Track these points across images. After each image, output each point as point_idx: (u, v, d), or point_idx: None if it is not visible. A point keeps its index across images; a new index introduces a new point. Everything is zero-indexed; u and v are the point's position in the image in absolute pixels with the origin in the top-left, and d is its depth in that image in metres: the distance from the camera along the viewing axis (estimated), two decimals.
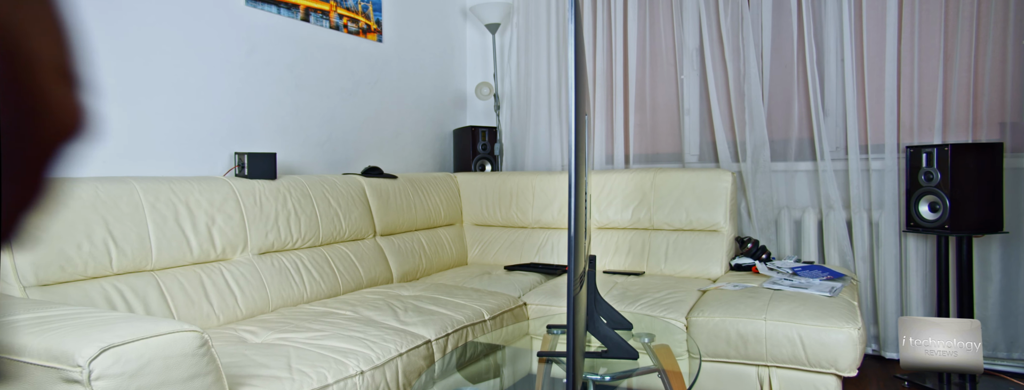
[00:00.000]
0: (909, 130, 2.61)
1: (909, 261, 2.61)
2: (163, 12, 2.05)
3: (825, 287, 2.11)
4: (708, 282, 2.43)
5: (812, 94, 2.74)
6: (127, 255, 1.67)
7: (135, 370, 0.98)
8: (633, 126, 3.16)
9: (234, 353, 1.48)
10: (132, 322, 1.06)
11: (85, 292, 1.57)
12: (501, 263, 2.95)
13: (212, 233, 1.90)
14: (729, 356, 1.94)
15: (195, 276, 1.82)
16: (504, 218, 3.07)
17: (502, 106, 3.54)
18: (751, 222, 2.90)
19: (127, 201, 1.71)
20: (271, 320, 1.85)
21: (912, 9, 2.57)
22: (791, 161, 2.86)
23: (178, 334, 1.05)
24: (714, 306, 2.00)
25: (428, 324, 1.86)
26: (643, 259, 2.70)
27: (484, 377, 1.66)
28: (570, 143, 0.96)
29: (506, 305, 2.18)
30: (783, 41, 2.85)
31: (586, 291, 1.32)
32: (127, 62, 1.96)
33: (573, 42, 0.96)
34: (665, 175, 2.74)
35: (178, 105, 2.11)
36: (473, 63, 3.74)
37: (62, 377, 0.95)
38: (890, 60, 2.60)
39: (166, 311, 1.70)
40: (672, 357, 1.57)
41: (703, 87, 3.04)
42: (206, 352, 1.09)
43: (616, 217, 2.81)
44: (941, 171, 2.32)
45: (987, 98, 2.49)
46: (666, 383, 1.37)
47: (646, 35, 3.15)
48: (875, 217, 2.67)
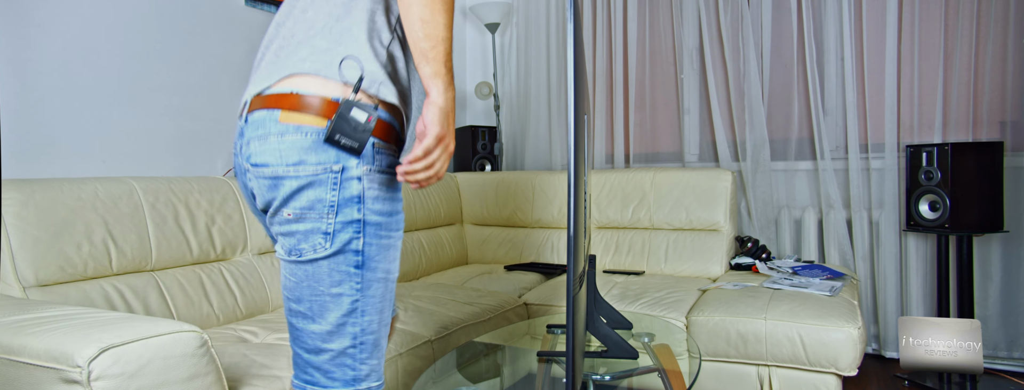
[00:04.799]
0: (909, 129, 2.61)
1: (909, 260, 2.61)
2: (163, 12, 2.05)
3: (825, 286, 2.11)
4: (708, 281, 2.43)
5: (812, 93, 2.74)
6: (127, 255, 1.67)
7: (135, 370, 0.98)
8: (633, 125, 3.16)
9: (234, 353, 1.48)
10: (132, 322, 1.06)
11: (85, 292, 1.56)
12: (501, 263, 2.95)
13: (212, 233, 1.90)
14: (729, 355, 1.94)
15: (195, 276, 1.82)
16: (504, 218, 3.07)
17: (502, 106, 3.54)
18: (751, 221, 2.90)
19: (127, 201, 1.71)
20: (271, 320, 1.85)
21: (912, 8, 2.57)
22: (791, 160, 2.86)
23: (178, 334, 1.05)
24: (714, 305, 2.00)
25: (428, 324, 1.86)
26: (643, 258, 2.70)
27: (484, 377, 1.66)
28: (570, 142, 0.96)
29: (506, 305, 2.18)
30: (783, 40, 2.85)
31: (586, 291, 1.32)
32: (127, 62, 1.96)
33: (573, 42, 0.96)
34: (665, 174, 2.74)
35: (178, 105, 2.11)
36: (473, 63, 3.74)
37: (61, 377, 0.94)
38: (890, 59, 2.60)
39: (166, 311, 1.70)
40: (672, 356, 1.57)
41: (703, 86, 3.04)
42: (206, 352, 1.08)
43: (616, 216, 2.81)
44: (941, 170, 2.32)
45: (987, 97, 2.49)
46: (666, 383, 1.37)
47: (646, 34, 3.14)
48: (875, 216, 2.67)
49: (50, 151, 1.80)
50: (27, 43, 1.74)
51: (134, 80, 1.98)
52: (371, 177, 0.96)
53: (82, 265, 1.58)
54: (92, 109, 1.88)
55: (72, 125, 1.84)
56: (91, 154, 1.88)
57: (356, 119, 0.92)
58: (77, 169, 1.85)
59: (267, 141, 0.94)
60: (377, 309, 1.01)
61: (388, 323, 1.07)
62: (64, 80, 1.82)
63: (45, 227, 1.52)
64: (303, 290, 0.98)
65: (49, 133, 1.79)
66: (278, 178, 0.94)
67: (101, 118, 1.90)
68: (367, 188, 0.96)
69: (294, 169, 0.93)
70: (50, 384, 0.96)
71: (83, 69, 1.86)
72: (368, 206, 0.97)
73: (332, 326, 0.98)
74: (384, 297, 1.03)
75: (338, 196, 0.94)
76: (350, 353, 1.00)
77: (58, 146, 1.82)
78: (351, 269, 0.97)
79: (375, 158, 0.97)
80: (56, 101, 1.80)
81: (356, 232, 0.96)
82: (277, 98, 0.95)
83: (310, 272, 0.97)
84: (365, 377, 1.02)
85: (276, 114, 0.94)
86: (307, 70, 0.95)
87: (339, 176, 0.94)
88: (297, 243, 0.97)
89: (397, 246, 1.04)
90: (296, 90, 0.95)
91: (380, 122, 0.97)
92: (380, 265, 1.00)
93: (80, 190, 1.63)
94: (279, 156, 0.93)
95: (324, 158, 0.93)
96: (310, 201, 0.94)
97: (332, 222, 0.95)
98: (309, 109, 0.93)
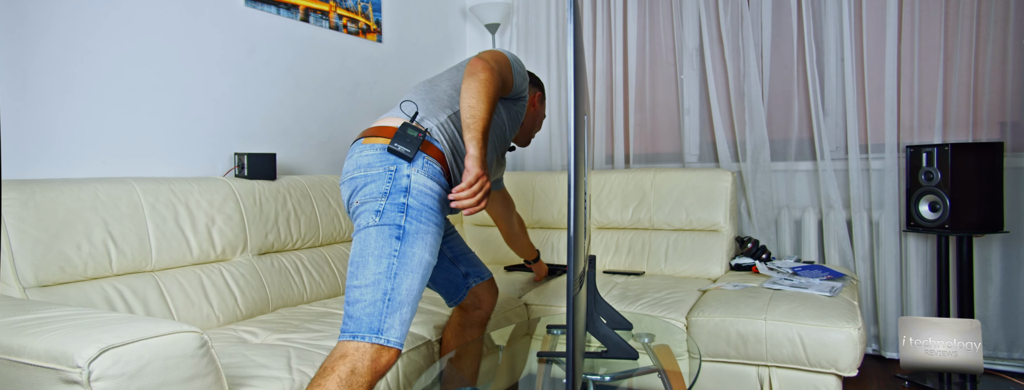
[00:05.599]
0: (909, 129, 2.61)
1: (909, 261, 2.61)
2: (163, 12, 2.05)
3: (825, 287, 2.11)
4: (708, 282, 2.43)
5: (812, 94, 2.74)
6: (127, 256, 1.67)
7: (135, 371, 0.98)
8: (633, 126, 3.16)
9: (234, 354, 1.48)
10: (132, 323, 1.06)
11: (85, 293, 1.56)
12: (501, 263, 2.95)
13: (212, 234, 1.90)
14: (729, 356, 1.94)
15: (195, 277, 1.82)
16: None
17: None
18: (751, 222, 2.90)
19: (127, 202, 1.71)
20: (271, 320, 1.84)
21: (912, 8, 2.57)
22: (791, 161, 2.86)
23: (178, 335, 1.05)
24: (714, 306, 2.00)
25: (428, 324, 1.86)
26: (643, 259, 2.70)
27: (484, 377, 1.66)
28: (570, 143, 0.96)
29: (506, 305, 2.18)
30: (783, 41, 2.85)
31: (586, 291, 1.32)
32: (127, 62, 1.96)
33: (572, 42, 0.96)
34: (665, 175, 2.74)
35: (178, 105, 2.11)
36: None
37: (61, 378, 0.94)
38: (890, 59, 2.60)
39: (166, 312, 1.70)
40: (672, 357, 1.57)
41: (703, 87, 3.04)
42: (206, 353, 1.08)
43: (616, 217, 2.81)
44: (941, 170, 2.32)
45: (987, 97, 2.49)
46: (666, 383, 1.37)
47: (646, 35, 3.14)
48: (875, 217, 2.67)
49: (50, 151, 1.80)
50: (27, 43, 1.74)
51: (134, 80, 1.98)
52: (418, 177, 1.30)
53: (82, 266, 1.58)
54: (92, 109, 1.88)
55: (72, 125, 1.84)
56: (91, 154, 1.88)
57: (410, 135, 1.31)
58: (77, 169, 1.85)
59: (353, 157, 1.36)
60: (409, 280, 1.26)
61: (416, 300, 1.29)
62: (64, 80, 1.81)
63: (45, 227, 1.52)
64: (357, 252, 1.27)
65: (49, 133, 1.79)
66: (354, 178, 1.33)
67: (101, 118, 1.90)
68: (414, 183, 1.29)
69: (364, 170, 1.32)
70: (50, 384, 0.96)
71: (83, 69, 1.85)
72: (413, 195, 1.29)
73: (370, 281, 1.24)
74: (416, 272, 1.27)
75: (391, 186, 1.29)
76: (378, 305, 1.23)
77: (58, 146, 1.81)
78: (393, 239, 1.26)
79: (424, 166, 1.32)
80: (56, 101, 1.80)
81: (400, 211, 1.27)
82: (366, 131, 1.41)
83: (363, 238, 1.27)
84: (387, 329, 1.23)
85: (362, 141, 1.37)
86: (383, 119, 1.43)
87: (394, 173, 1.30)
88: (360, 221, 1.29)
89: (434, 232, 1.31)
90: (376, 123, 1.41)
91: (428, 143, 1.34)
92: (417, 241, 1.27)
93: (80, 190, 1.63)
94: (357, 164, 1.34)
95: (386, 161, 1.31)
96: (372, 190, 1.29)
97: (384, 203, 1.27)
98: (381, 134, 1.36)
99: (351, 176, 1.34)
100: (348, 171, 1.36)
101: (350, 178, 1.34)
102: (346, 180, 1.36)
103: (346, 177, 1.36)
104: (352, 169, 1.34)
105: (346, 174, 1.36)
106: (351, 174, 1.34)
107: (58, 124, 1.81)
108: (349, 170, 1.35)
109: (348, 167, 1.36)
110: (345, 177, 1.36)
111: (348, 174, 1.35)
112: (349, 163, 1.36)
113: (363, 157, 1.33)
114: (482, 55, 1.40)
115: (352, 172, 1.34)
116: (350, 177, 1.34)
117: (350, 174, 1.34)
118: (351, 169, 1.34)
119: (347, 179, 1.35)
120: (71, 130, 1.84)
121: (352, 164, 1.35)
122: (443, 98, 1.46)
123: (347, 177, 1.36)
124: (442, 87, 1.49)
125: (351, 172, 1.34)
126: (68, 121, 1.83)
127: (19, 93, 1.73)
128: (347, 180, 1.36)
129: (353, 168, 1.34)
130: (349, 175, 1.35)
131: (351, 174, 1.34)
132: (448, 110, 1.44)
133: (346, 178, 1.36)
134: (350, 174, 1.35)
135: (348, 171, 1.36)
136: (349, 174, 1.35)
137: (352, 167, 1.34)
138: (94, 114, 1.89)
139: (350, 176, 1.34)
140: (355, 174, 1.33)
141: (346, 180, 1.36)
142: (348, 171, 1.36)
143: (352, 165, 1.35)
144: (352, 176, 1.34)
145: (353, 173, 1.33)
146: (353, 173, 1.33)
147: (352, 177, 1.34)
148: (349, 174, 1.35)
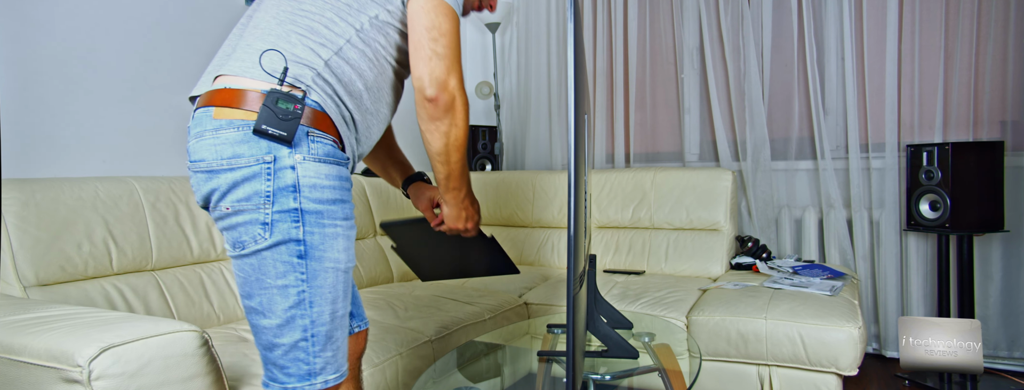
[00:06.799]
0: (910, 129, 2.60)
1: (910, 260, 2.61)
2: (164, 11, 2.05)
3: (825, 286, 2.11)
4: (708, 281, 2.43)
5: (812, 93, 2.74)
6: (127, 255, 1.67)
7: (135, 370, 0.98)
8: (633, 125, 3.16)
9: (235, 353, 1.48)
10: (132, 322, 1.06)
11: (85, 292, 1.57)
12: None
13: (212, 233, 1.90)
14: (729, 355, 1.94)
15: (195, 276, 1.82)
16: (504, 217, 3.07)
17: (502, 105, 3.54)
18: (751, 221, 2.90)
19: (128, 201, 1.71)
20: None
21: (912, 7, 2.57)
22: (791, 160, 2.85)
23: (178, 334, 1.05)
24: (714, 305, 2.00)
25: (428, 323, 1.86)
26: (643, 258, 2.70)
27: (484, 377, 1.66)
28: (570, 142, 0.96)
29: (506, 304, 2.18)
30: (783, 40, 2.85)
31: (586, 290, 1.32)
32: (127, 61, 1.96)
33: (573, 41, 0.96)
34: (665, 174, 2.74)
35: (178, 105, 2.11)
36: (473, 62, 3.74)
37: (62, 377, 0.94)
38: (891, 58, 2.60)
39: (166, 311, 1.70)
40: (672, 356, 1.57)
41: (703, 86, 3.04)
42: (206, 352, 1.09)
43: (616, 216, 2.81)
44: (942, 170, 2.32)
45: (988, 96, 2.49)
46: (666, 382, 1.37)
47: (646, 34, 3.14)
48: (876, 216, 2.67)
49: (50, 151, 1.80)
50: (27, 43, 1.74)
51: (134, 80, 1.98)
52: (306, 166, 0.96)
53: (82, 265, 1.58)
54: (92, 109, 1.88)
55: (72, 125, 1.84)
56: (91, 154, 1.88)
57: (283, 108, 0.94)
58: (77, 169, 1.85)
59: (205, 139, 0.96)
60: (328, 300, 1.00)
61: (345, 316, 1.05)
62: (64, 80, 1.81)
63: (45, 227, 1.52)
64: (252, 285, 0.98)
65: (49, 133, 1.79)
66: (214, 172, 0.95)
67: (101, 118, 1.90)
68: (302, 176, 0.96)
69: (229, 161, 0.94)
70: (51, 384, 0.96)
71: (83, 69, 1.86)
72: (305, 195, 0.96)
73: (282, 319, 0.97)
74: (335, 288, 1.01)
75: (273, 186, 0.95)
76: (302, 347, 0.99)
77: (58, 146, 1.81)
78: (294, 259, 0.96)
79: (311, 147, 0.97)
80: (56, 101, 1.80)
81: (295, 221, 0.96)
82: (210, 95, 0.99)
83: (255, 265, 0.97)
84: (320, 370, 1.01)
85: (210, 111, 0.97)
86: (235, 70, 1.00)
87: (272, 166, 0.94)
88: (239, 236, 0.97)
89: (346, 235, 1.02)
90: (227, 86, 0.98)
91: (312, 111, 0.98)
92: (326, 254, 0.99)
93: (80, 190, 1.63)
94: (216, 151, 0.95)
95: (256, 149, 0.94)
96: (247, 193, 0.94)
97: (269, 212, 0.95)
98: (235, 102, 0.96)
99: (209, 168, 0.96)
100: (203, 158, 0.96)
101: (207, 170, 0.96)
102: (202, 171, 0.97)
103: (200, 167, 0.97)
104: (210, 157, 0.95)
105: (199, 162, 0.96)
106: (209, 164, 0.95)
107: (59, 123, 1.81)
108: (205, 157, 0.95)
109: (200, 151, 0.96)
110: (198, 166, 0.97)
111: (204, 163, 0.96)
112: (200, 145, 0.96)
113: (222, 142, 0.94)
114: (440, 79, 1.03)
115: (211, 161, 0.95)
116: (207, 169, 0.96)
117: (207, 164, 0.96)
118: (208, 157, 0.95)
119: (203, 169, 0.96)
120: (71, 129, 1.84)
121: (207, 149, 0.95)
122: (318, 29, 1.02)
123: (202, 168, 0.96)
124: (310, 8, 1.03)
125: (209, 161, 0.95)
126: (68, 120, 1.83)
127: (20, 93, 1.73)
128: (203, 172, 0.96)
129: (211, 156, 0.95)
130: (205, 165, 0.96)
131: (209, 164, 0.95)
132: (326, 49, 1.01)
133: (201, 168, 0.97)
134: (207, 164, 0.96)
135: (203, 158, 0.96)
136: (205, 164, 0.96)
137: (209, 154, 0.95)
138: (94, 113, 1.89)
139: (207, 167, 0.96)
140: (216, 166, 0.95)
141: (202, 171, 0.97)
142: (203, 158, 0.96)
143: (208, 151, 0.95)
144: (211, 168, 0.95)
145: (212, 164, 0.95)
146: (212, 164, 0.95)
147: (211, 169, 0.95)
148: (205, 164, 0.96)
